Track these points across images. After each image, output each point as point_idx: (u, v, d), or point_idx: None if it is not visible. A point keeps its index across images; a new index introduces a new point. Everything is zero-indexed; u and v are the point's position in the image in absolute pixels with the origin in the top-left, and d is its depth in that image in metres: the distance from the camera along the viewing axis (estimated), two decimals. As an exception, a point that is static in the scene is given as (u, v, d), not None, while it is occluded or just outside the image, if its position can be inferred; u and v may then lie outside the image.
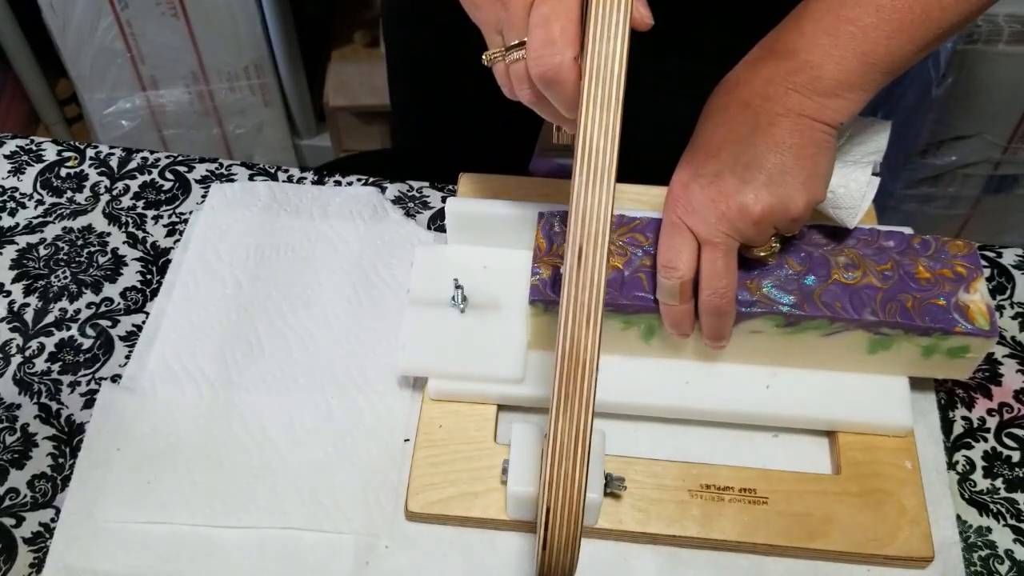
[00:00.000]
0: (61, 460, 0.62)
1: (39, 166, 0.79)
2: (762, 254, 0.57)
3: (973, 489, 0.61)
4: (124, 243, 0.74)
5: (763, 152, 0.53)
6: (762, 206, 0.53)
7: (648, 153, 0.89)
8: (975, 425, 0.64)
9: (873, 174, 0.59)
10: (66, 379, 0.66)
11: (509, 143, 0.69)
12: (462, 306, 0.63)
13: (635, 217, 0.62)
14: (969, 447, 0.63)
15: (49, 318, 0.69)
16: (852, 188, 0.58)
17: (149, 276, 0.72)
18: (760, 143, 0.53)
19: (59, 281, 0.71)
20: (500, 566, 0.57)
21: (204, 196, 0.76)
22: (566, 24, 0.47)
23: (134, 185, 0.78)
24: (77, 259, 0.72)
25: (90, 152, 0.80)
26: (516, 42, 0.49)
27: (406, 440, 0.62)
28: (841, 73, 0.52)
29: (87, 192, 0.77)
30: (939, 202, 1.41)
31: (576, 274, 0.46)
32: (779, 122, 0.53)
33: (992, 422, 0.64)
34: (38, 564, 0.57)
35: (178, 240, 0.74)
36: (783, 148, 0.53)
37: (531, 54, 0.48)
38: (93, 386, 0.65)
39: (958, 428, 0.64)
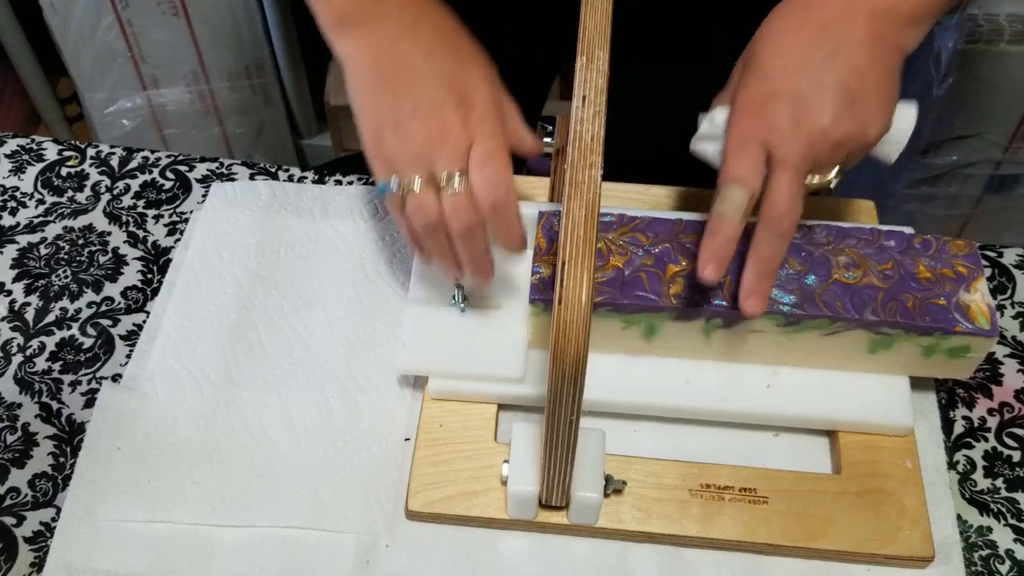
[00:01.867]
0: (62, 459, 0.62)
1: (40, 165, 0.79)
2: (818, 181, 0.55)
3: (974, 489, 0.61)
4: (125, 242, 0.74)
5: (846, 76, 0.52)
6: (844, 130, 0.52)
7: (648, 154, 0.89)
8: (976, 425, 0.64)
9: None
10: (67, 378, 0.66)
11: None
12: (462, 305, 0.63)
13: (635, 216, 0.62)
14: (970, 447, 0.63)
15: (50, 317, 0.69)
16: (903, 124, 0.58)
17: (150, 275, 0.72)
18: (842, 67, 0.53)
19: (60, 280, 0.71)
20: (500, 565, 0.57)
21: (205, 195, 0.76)
22: (508, 159, 0.54)
23: (135, 184, 0.78)
24: (78, 258, 0.73)
25: (91, 151, 0.80)
26: (456, 174, 0.54)
27: (406, 439, 0.62)
28: (918, 1, 0.53)
29: (88, 191, 0.77)
30: (940, 202, 1.41)
31: (584, 75, 0.49)
32: (860, 47, 0.53)
33: (993, 422, 0.64)
34: (39, 563, 0.58)
35: (179, 239, 0.74)
36: (865, 74, 0.53)
37: (483, 184, 0.53)
38: (94, 385, 0.65)
39: (959, 428, 0.64)
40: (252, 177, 0.78)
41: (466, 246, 0.56)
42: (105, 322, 0.69)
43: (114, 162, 0.79)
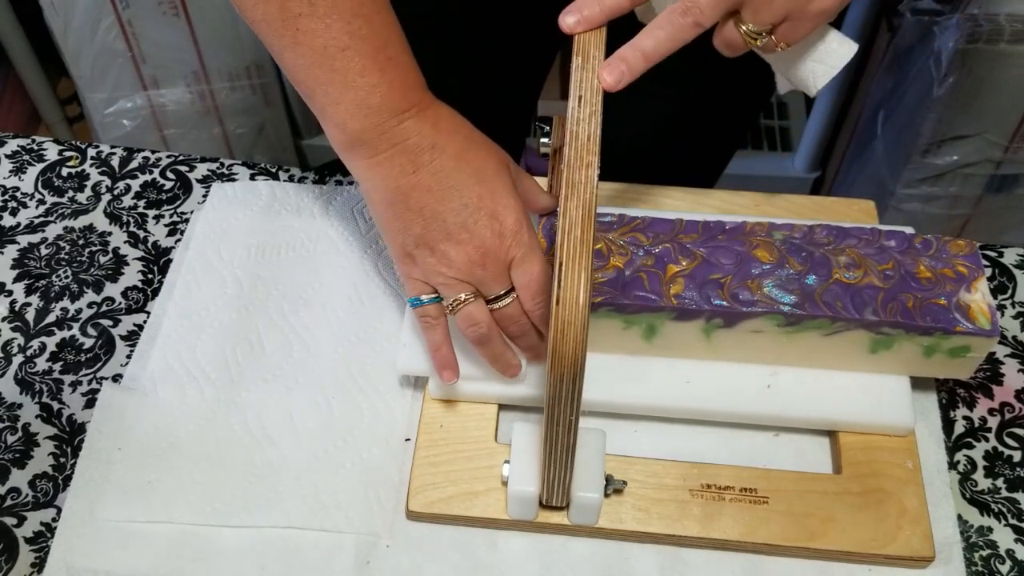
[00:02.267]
0: (62, 460, 0.62)
1: (40, 165, 0.79)
2: (746, 30, 0.53)
3: (974, 489, 0.61)
4: (125, 242, 0.74)
5: None
6: None
7: (646, 154, 0.89)
8: (976, 425, 0.64)
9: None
10: (67, 379, 0.66)
11: (500, 142, 0.70)
12: (463, 306, 0.63)
13: (635, 217, 0.62)
14: (970, 447, 0.63)
15: (50, 317, 0.69)
16: (841, 51, 0.57)
17: (150, 276, 0.72)
18: None
19: (60, 280, 0.71)
20: (501, 566, 0.57)
21: (205, 195, 0.76)
22: (547, 266, 0.55)
23: (135, 185, 0.78)
24: (78, 258, 0.73)
25: (91, 152, 0.80)
26: (503, 292, 0.55)
27: (407, 439, 0.62)
28: None
29: (88, 192, 0.77)
30: (940, 201, 1.41)
31: (580, 75, 0.50)
32: None
33: (993, 422, 0.64)
34: (39, 564, 0.58)
35: (179, 240, 0.74)
36: None
37: (532, 300, 0.55)
38: (94, 385, 0.65)
39: (959, 428, 0.64)
40: (252, 177, 0.78)
41: (523, 342, 0.58)
42: (106, 322, 0.69)
43: (115, 162, 0.79)
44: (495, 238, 0.54)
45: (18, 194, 0.77)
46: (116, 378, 0.66)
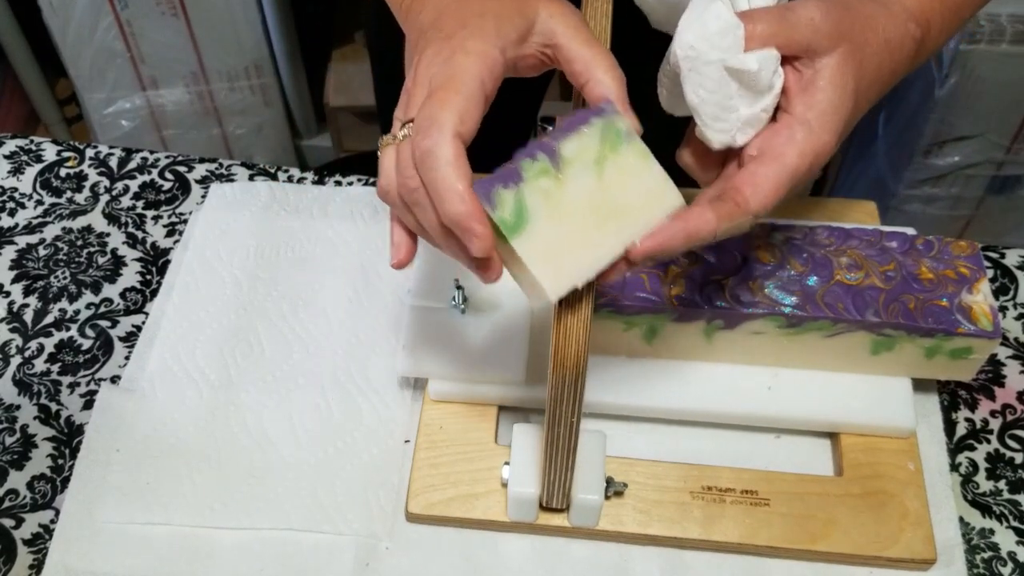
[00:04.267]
0: (61, 461, 0.62)
1: (39, 166, 0.79)
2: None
3: (976, 491, 0.61)
4: (124, 243, 0.73)
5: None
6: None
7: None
8: (978, 427, 0.64)
9: None
10: (66, 380, 0.66)
11: (501, 143, 0.69)
12: (462, 306, 0.63)
13: (636, 217, 0.61)
14: (972, 449, 0.63)
15: (48, 319, 0.69)
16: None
17: (149, 276, 0.71)
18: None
19: (59, 281, 0.71)
20: (500, 568, 0.57)
21: (204, 196, 0.76)
22: (453, 97, 0.41)
23: (134, 185, 0.77)
24: (77, 259, 0.72)
25: (90, 152, 0.80)
26: (408, 119, 0.43)
27: (406, 441, 0.62)
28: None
29: (87, 192, 0.77)
30: (942, 203, 1.41)
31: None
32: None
33: (995, 424, 0.64)
34: (38, 565, 0.57)
35: (178, 240, 0.73)
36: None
37: (415, 126, 0.42)
38: (93, 387, 0.65)
39: (961, 430, 0.64)
40: (251, 178, 0.77)
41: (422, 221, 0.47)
42: (104, 323, 0.69)
43: (113, 163, 0.79)
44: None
45: (16, 195, 0.77)
46: (114, 379, 0.66)
